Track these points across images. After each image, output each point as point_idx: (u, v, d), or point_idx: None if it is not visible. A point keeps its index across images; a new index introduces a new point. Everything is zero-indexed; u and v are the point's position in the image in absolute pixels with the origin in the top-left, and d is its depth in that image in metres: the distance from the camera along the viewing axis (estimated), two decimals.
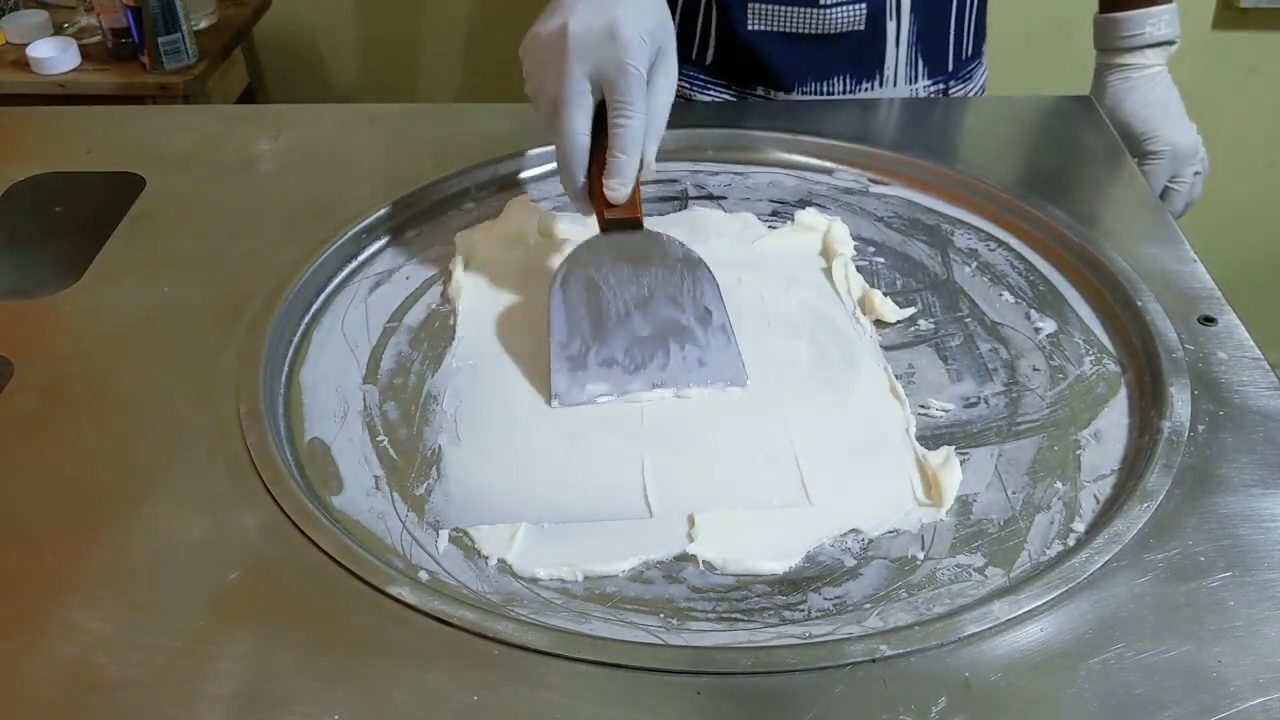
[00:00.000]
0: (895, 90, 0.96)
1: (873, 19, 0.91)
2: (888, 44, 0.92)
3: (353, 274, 0.76)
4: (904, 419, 0.63)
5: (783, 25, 0.90)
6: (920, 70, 0.95)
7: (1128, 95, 0.91)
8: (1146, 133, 0.90)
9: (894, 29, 0.92)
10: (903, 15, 0.91)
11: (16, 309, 0.72)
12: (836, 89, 0.94)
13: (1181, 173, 0.90)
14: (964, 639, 0.49)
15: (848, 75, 0.94)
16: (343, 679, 0.48)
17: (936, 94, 0.98)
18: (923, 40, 0.94)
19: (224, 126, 0.92)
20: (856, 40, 0.92)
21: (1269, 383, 0.63)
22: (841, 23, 0.90)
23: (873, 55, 0.93)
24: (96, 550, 0.54)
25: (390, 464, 0.61)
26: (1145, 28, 0.90)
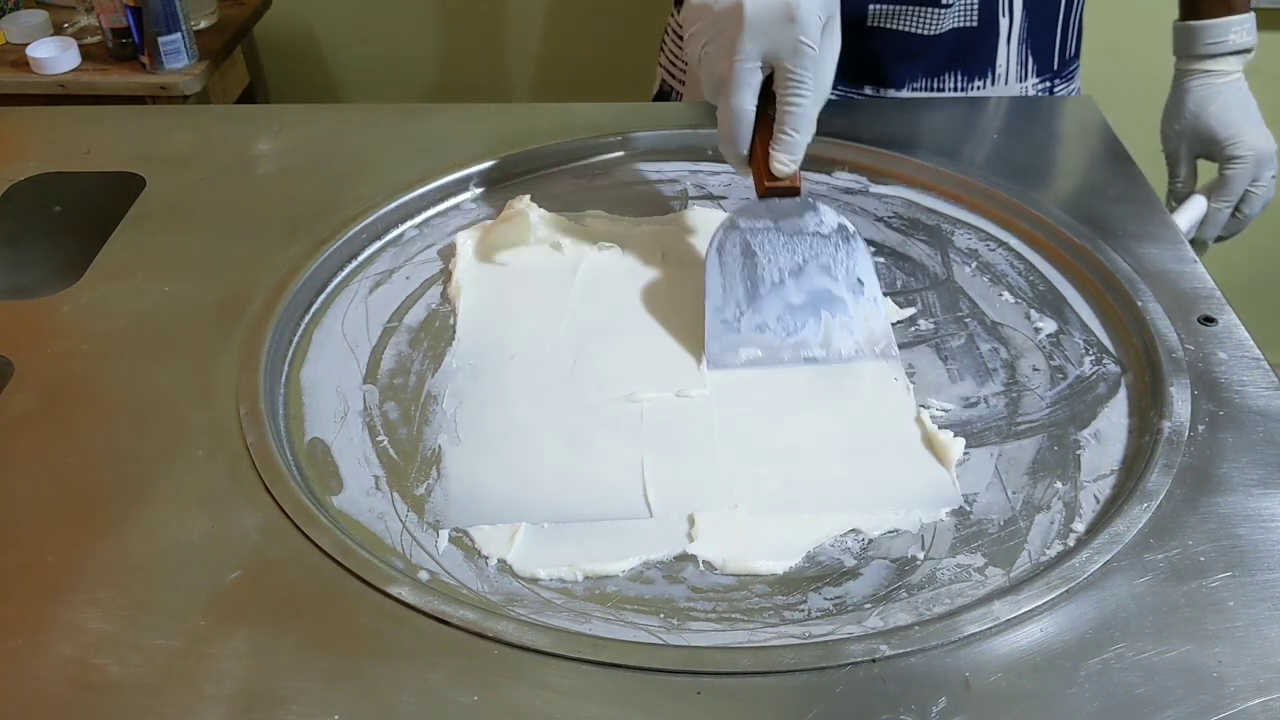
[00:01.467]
0: (1005, 89, 0.95)
1: (985, 15, 0.90)
2: (999, 41, 0.92)
3: (353, 274, 0.76)
4: (910, 410, 0.63)
5: (900, 24, 0.90)
6: (1030, 68, 0.95)
7: (1211, 101, 0.92)
8: (1231, 138, 0.91)
9: (1006, 25, 0.92)
10: (1015, 11, 0.91)
11: (16, 309, 0.72)
12: (947, 87, 0.94)
13: (1261, 176, 0.92)
14: (964, 639, 0.49)
15: (959, 72, 0.93)
16: (343, 679, 0.48)
17: (1043, 93, 0.97)
18: (1033, 37, 0.94)
19: (224, 126, 0.92)
20: (969, 37, 0.92)
21: (1269, 383, 0.63)
22: (955, 19, 0.90)
23: (984, 52, 0.93)
24: (96, 550, 0.54)
25: (390, 464, 0.61)
26: (1229, 35, 0.91)
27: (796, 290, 0.67)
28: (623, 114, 0.93)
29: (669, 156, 0.88)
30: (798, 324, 0.67)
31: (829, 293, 0.67)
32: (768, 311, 0.67)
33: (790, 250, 0.67)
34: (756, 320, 0.66)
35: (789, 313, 0.67)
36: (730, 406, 0.64)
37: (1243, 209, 0.92)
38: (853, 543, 0.56)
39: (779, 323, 0.67)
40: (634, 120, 0.90)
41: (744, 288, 0.67)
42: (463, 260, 0.76)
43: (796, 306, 0.67)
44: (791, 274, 0.67)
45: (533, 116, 0.93)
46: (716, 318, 0.67)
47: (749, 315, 0.66)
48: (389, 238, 0.79)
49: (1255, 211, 0.93)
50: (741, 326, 0.66)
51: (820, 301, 0.67)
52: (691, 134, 0.88)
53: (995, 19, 0.91)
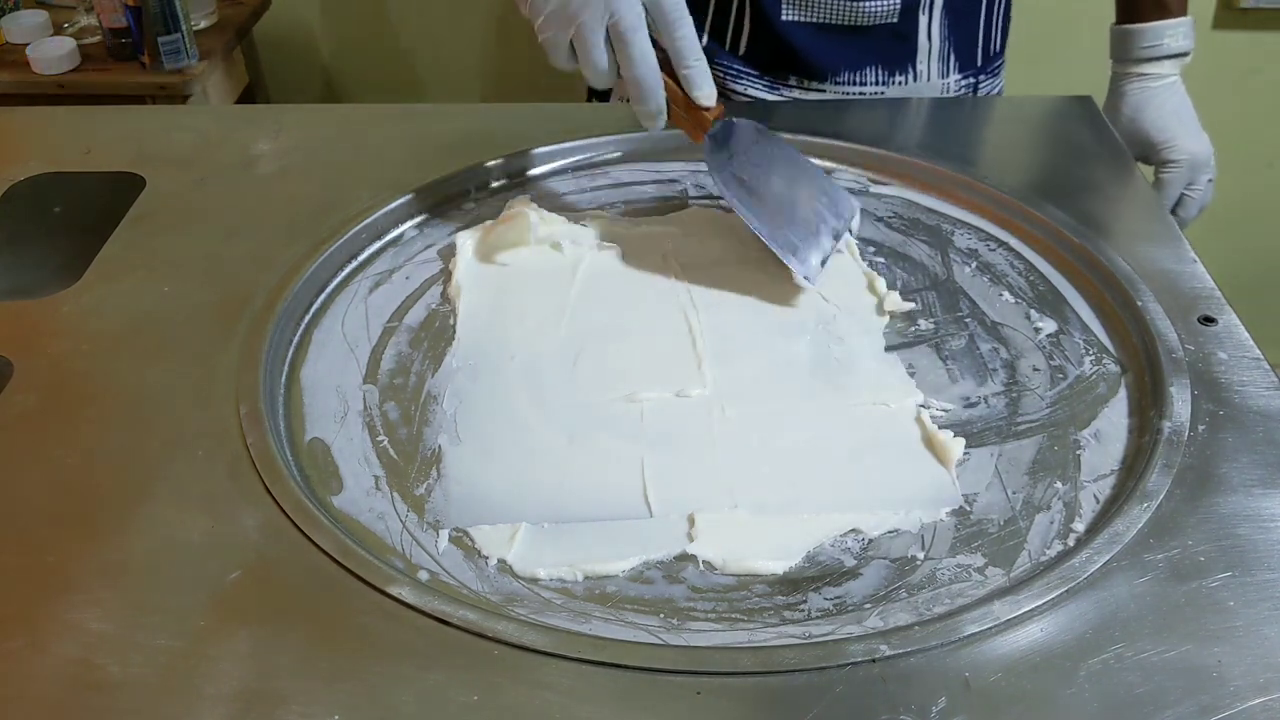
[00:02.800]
0: (928, 85, 0.96)
1: (906, 12, 0.91)
2: (920, 37, 0.93)
3: (353, 274, 0.76)
4: (910, 410, 0.63)
5: (818, 16, 0.90)
6: (951, 65, 0.96)
7: (1146, 105, 0.92)
8: (1165, 142, 0.91)
9: (926, 22, 0.92)
10: (935, 9, 0.92)
11: (16, 309, 0.72)
12: (869, 80, 0.94)
13: (1197, 180, 0.92)
14: (964, 639, 0.49)
15: (880, 67, 0.94)
16: (343, 679, 0.48)
17: (967, 89, 0.98)
18: (954, 34, 0.94)
19: (224, 126, 0.92)
20: (890, 32, 0.92)
21: (1269, 383, 0.63)
22: (876, 14, 0.90)
23: (906, 48, 0.94)
24: (96, 550, 0.54)
25: (390, 464, 0.61)
26: (1164, 39, 0.91)
27: (789, 193, 0.73)
28: (623, 114, 0.93)
29: (669, 156, 0.88)
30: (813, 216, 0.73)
31: (806, 173, 0.75)
32: (797, 220, 0.72)
33: (758, 163, 0.73)
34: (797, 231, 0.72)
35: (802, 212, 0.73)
36: (730, 406, 0.64)
37: (1178, 213, 0.93)
38: (853, 543, 0.56)
39: (804, 224, 0.73)
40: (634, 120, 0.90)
41: (769, 210, 0.72)
42: (463, 260, 0.76)
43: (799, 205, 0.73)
44: (778, 176, 0.73)
45: (533, 116, 0.93)
46: (779, 243, 0.71)
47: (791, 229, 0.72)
48: (389, 238, 0.79)
49: (1191, 215, 0.93)
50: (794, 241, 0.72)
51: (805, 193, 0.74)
52: None
53: (915, 16, 0.92)
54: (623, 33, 0.67)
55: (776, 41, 0.92)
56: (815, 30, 0.91)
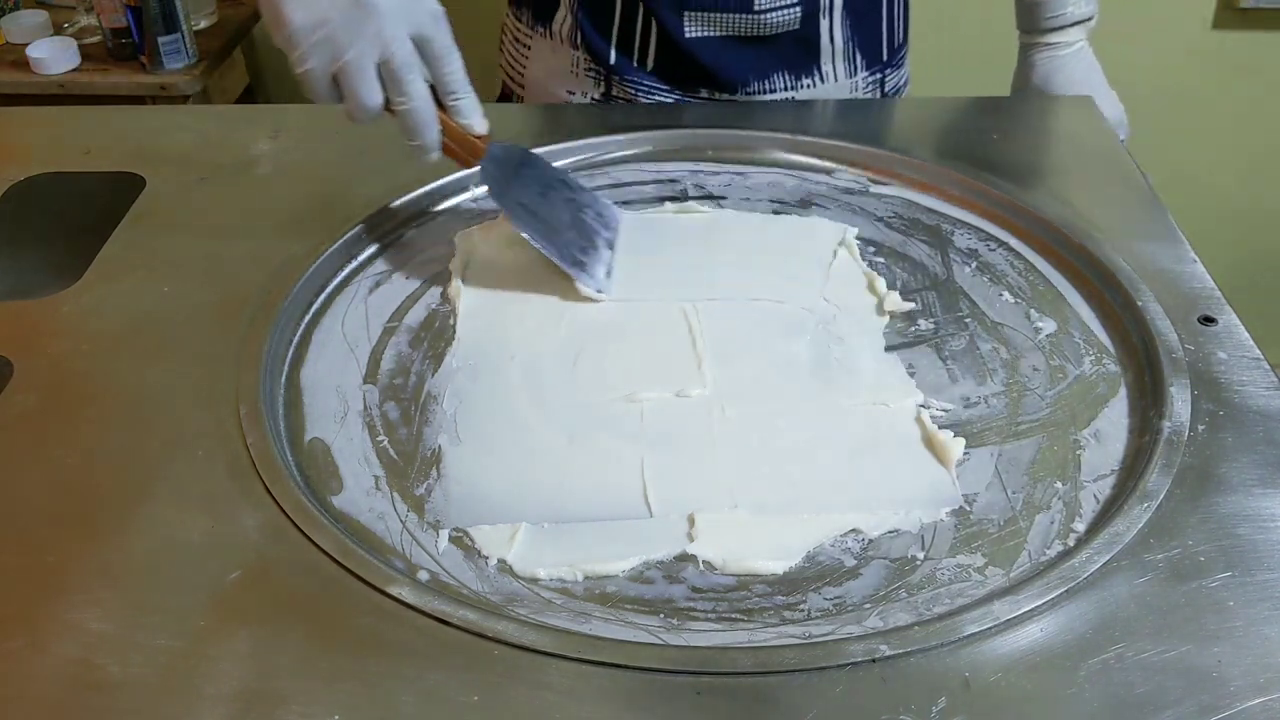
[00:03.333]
0: (836, 85, 0.97)
1: (808, 18, 0.91)
2: (823, 41, 0.93)
3: (353, 274, 0.76)
4: (910, 410, 0.63)
5: (721, 29, 0.91)
6: (858, 63, 0.96)
7: (1055, 74, 0.95)
8: None
9: (827, 25, 0.93)
10: (835, 12, 0.92)
11: (16, 309, 0.72)
12: (778, 87, 0.95)
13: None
14: (964, 639, 0.49)
15: (786, 73, 0.94)
16: (343, 679, 0.48)
17: (874, 85, 0.98)
18: (857, 34, 0.95)
19: (224, 126, 0.92)
20: (793, 39, 0.93)
21: (1269, 383, 0.63)
22: (777, 24, 0.91)
23: (810, 53, 0.94)
24: (96, 550, 0.54)
25: (390, 464, 0.61)
26: (1067, 7, 0.94)
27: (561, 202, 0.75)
28: (623, 114, 0.93)
29: (669, 156, 0.88)
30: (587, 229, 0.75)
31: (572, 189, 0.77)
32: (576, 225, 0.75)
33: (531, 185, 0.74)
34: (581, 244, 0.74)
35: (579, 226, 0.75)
36: (730, 406, 0.64)
37: None
38: (853, 543, 0.56)
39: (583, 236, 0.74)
40: (634, 120, 0.90)
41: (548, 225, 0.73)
42: (462, 260, 0.76)
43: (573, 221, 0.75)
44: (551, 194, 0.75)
45: (532, 116, 0.93)
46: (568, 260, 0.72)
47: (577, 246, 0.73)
48: (389, 238, 0.79)
49: None
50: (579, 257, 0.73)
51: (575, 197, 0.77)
52: (691, 134, 0.88)
53: (817, 19, 0.92)
54: (395, 70, 0.67)
55: (683, 57, 0.92)
56: (720, 43, 0.91)
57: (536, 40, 0.98)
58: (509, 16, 1.02)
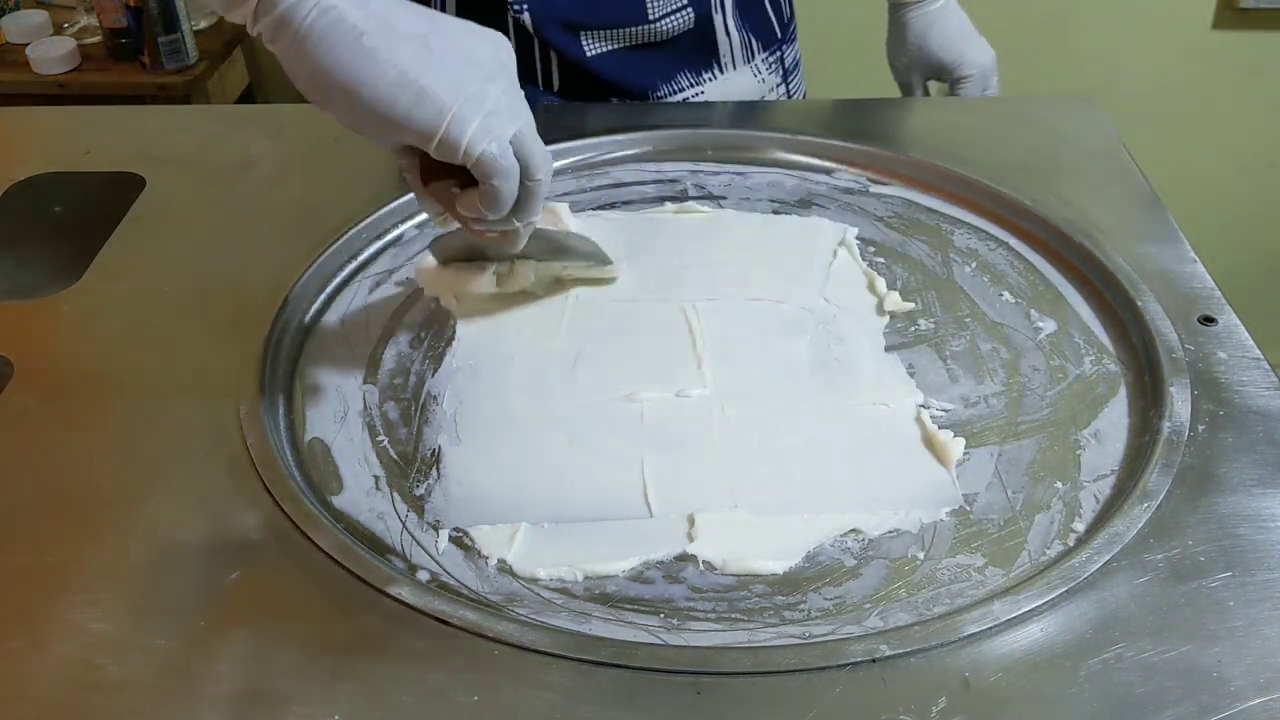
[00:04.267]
0: (738, 73, 0.97)
1: (701, 17, 0.92)
2: (718, 35, 0.94)
3: (353, 274, 0.76)
4: (910, 410, 0.63)
5: (619, 43, 0.92)
6: (754, 48, 0.98)
7: (929, 30, 0.98)
8: (954, 60, 0.98)
9: (721, 20, 0.94)
10: (726, 6, 0.93)
11: (16, 309, 0.72)
12: (683, 86, 0.96)
13: (989, 85, 0.99)
14: (964, 639, 0.49)
15: (689, 71, 0.96)
16: (343, 679, 0.48)
17: (775, 64, 1.00)
18: (748, 19, 0.96)
19: (224, 126, 0.92)
20: (690, 39, 0.94)
21: (1269, 383, 0.63)
22: (673, 29, 0.92)
23: (708, 48, 0.95)
24: (96, 550, 0.54)
25: (390, 464, 0.61)
26: None
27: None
28: (623, 114, 0.93)
29: (669, 156, 0.88)
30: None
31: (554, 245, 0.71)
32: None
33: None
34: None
35: None
36: (730, 406, 0.64)
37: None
38: (853, 543, 0.56)
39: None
40: (634, 120, 0.90)
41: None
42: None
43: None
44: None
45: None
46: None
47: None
48: (389, 238, 0.79)
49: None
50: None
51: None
52: (691, 134, 0.88)
53: (710, 15, 0.93)
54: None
55: (586, 74, 0.93)
56: (620, 55, 0.92)
57: None
58: None
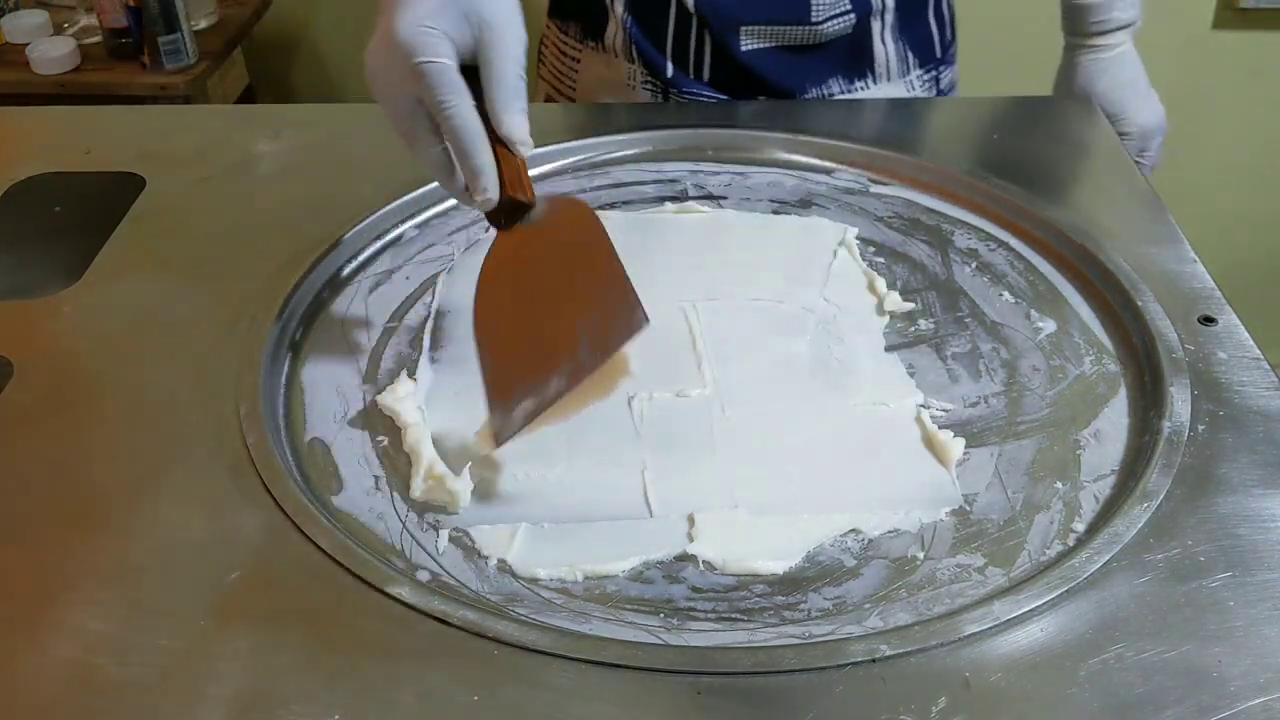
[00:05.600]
0: (890, 85, 0.97)
1: (860, 22, 0.92)
2: (874, 42, 0.94)
3: (353, 274, 0.76)
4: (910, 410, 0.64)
5: (777, 42, 0.91)
6: (910, 62, 0.97)
7: (1099, 77, 0.95)
8: (1117, 114, 0.95)
9: (879, 28, 0.93)
10: (887, 13, 0.93)
11: (16, 309, 0.72)
12: (834, 92, 0.95)
13: (1149, 147, 0.96)
14: (964, 639, 0.49)
15: (841, 77, 0.95)
16: (343, 679, 0.48)
17: (929, 82, 0.99)
18: (907, 33, 0.95)
19: (224, 126, 0.92)
20: (846, 44, 0.93)
21: (1269, 383, 0.63)
22: (833, 32, 0.91)
23: (864, 55, 0.94)
24: (96, 550, 0.54)
25: (390, 464, 0.61)
26: (1113, 13, 0.94)
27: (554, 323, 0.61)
28: (623, 114, 0.93)
29: (669, 156, 0.88)
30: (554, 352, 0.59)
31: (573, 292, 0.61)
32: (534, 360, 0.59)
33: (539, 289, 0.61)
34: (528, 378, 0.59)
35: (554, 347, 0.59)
36: (730, 406, 0.64)
37: None
38: (853, 543, 0.56)
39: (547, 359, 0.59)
40: (634, 120, 0.90)
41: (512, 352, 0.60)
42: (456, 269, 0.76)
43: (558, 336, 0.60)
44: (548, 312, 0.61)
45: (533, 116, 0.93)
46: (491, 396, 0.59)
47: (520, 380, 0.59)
48: (389, 238, 0.79)
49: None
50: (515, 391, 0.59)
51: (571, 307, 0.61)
52: (692, 134, 0.88)
53: (868, 23, 0.93)
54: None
55: (739, 69, 0.93)
56: (775, 54, 0.92)
57: (586, 54, 0.98)
58: (550, 29, 1.02)
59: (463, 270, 0.76)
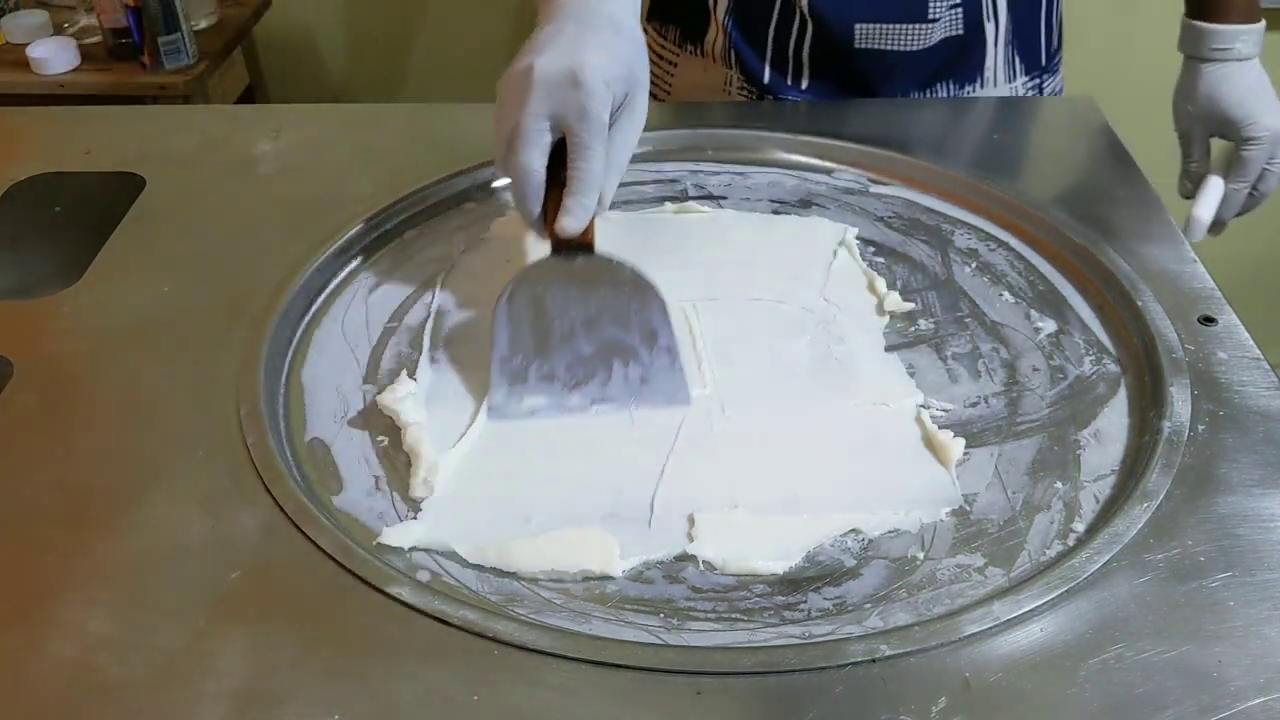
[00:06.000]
0: (997, 90, 0.96)
1: (971, 22, 0.91)
2: (987, 46, 0.93)
3: (353, 274, 0.76)
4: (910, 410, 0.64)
5: (891, 43, 0.90)
6: (1017, 68, 0.96)
7: (1224, 82, 0.90)
8: (1246, 119, 0.89)
9: (993, 30, 0.92)
10: (1000, 15, 0.92)
11: (16, 309, 0.72)
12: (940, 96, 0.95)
13: (1277, 154, 0.90)
14: (964, 639, 0.49)
15: (950, 81, 0.94)
16: (342, 679, 0.48)
17: (1033, 90, 0.98)
18: (1018, 37, 0.94)
19: (224, 126, 0.92)
20: (956, 45, 0.92)
21: (1269, 383, 0.63)
22: (943, 30, 0.90)
23: (973, 59, 0.94)
24: (96, 550, 0.54)
25: (390, 464, 0.61)
26: (1235, 43, 0.89)
27: (587, 341, 0.64)
28: None
29: (669, 156, 0.88)
30: (587, 373, 0.64)
31: (621, 342, 0.64)
32: (557, 361, 0.64)
33: (583, 303, 0.64)
34: (544, 370, 0.64)
35: (579, 363, 0.64)
36: (730, 406, 0.64)
37: (1259, 187, 0.91)
38: (853, 543, 0.56)
39: (568, 371, 0.64)
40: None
41: (533, 339, 0.64)
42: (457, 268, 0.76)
43: (587, 356, 0.64)
44: (583, 325, 0.64)
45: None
46: (503, 367, 0.64)
47: (536, 365, 0.64)
48: (389, 238, 0.79)
49: (1271, 188, 0.92)
50: (529, 376, 0.64)
51: (612, 351, 0.64)
52: (691, 134, 0.88)
53: (981, 24, 0.92)
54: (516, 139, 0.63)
55: (844, 70, 0.92)
56: (884, 56, 0.91)
57: (684, 58, 0.98)
58: (648, 30, 1.01)
59: (463, 270, 0.76)
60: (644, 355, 0.65)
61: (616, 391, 0.64)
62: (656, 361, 0.65)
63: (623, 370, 0.64)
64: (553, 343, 0.64)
